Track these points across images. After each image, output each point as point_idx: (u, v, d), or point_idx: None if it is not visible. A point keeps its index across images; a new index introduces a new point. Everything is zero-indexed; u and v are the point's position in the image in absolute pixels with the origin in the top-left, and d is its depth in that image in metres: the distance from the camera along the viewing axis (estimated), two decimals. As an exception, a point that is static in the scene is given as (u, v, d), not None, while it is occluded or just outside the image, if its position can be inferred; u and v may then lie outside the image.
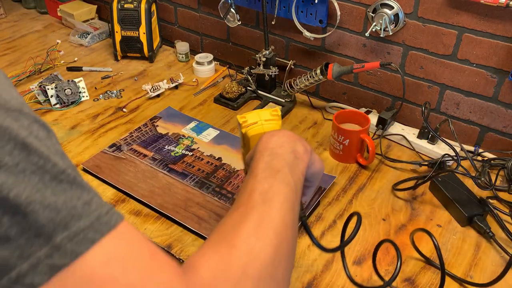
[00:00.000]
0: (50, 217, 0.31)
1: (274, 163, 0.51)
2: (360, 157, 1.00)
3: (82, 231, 0.32)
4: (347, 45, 1.13)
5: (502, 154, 1.01)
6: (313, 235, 0.53)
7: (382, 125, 1.07)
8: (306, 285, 0.74)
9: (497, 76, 0.96)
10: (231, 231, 0.43)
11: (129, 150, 1.02)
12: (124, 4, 1.33)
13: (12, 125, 0.32)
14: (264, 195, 0.47)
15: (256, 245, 0.41)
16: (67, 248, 0.32)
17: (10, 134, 0.31)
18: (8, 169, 0.31)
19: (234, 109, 1.19)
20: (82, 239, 0.32)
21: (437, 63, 1.02)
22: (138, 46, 1.37)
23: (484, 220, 0.83)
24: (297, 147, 0.54)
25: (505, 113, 0.99)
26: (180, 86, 1.29)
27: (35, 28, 1.60)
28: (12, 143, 0.31)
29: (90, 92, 1.24)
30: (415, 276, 0.76)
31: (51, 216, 0.31)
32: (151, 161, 0.99)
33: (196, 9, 1.38)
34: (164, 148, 1.04)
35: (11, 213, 0.30)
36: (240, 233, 0.43)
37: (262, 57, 1.17)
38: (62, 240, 0.32)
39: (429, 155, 1.02)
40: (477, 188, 0.92)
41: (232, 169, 0.98)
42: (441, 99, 1.06)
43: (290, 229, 0.45)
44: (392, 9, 1.00)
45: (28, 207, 0.31)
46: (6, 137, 0.31)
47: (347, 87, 1.19)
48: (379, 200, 0.91)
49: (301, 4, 1.12)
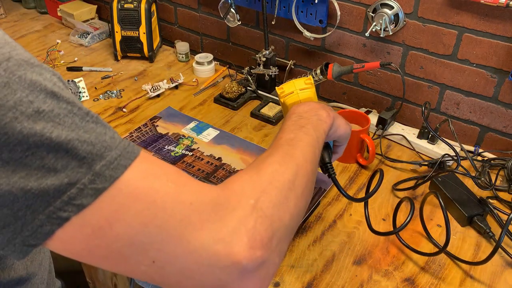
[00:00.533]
0: (88, 150, 0.37)
1: (299, 122, 0.60)
2: (360, 157, 1.00)
3: (116, 159, 0.38)
4: (347, 45, 1.13)
5: (502, 154, 1.01)
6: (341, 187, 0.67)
7: (382, 125, 1.07)
8: (306, 285, 0.74)
9: (497, 76, 0.96)
10: (260, 162, 0.51)
11: (129, 150, 1.02)
12: (124, 4, 1.33)
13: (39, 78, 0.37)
14: (289, 140, 0.56)
15: (280, 168, 0.50)
16: (106, 174, 0.37)
17: (40, 85, 0.37)
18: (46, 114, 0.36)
19: (234, 109, 1.19)
20: (117, 165, 0.38)
21: (437, 63, 1.02)
22: (138, 46, 1.37)
23: (484, 220, 0.83)
24: (320, 112, 0.63)
25: (505, 113, 0.99)
26: (180, 86, 1.29)
27: (35, 28, 1.60)
28: (43, 93, 0.36)
29: (90, 92, 1.24)
30: (415, 276, 0.76)
31: (89, 149, 0.37)
32: (151, 161, 0.99)
33: (196, 9, 1.38)
34: (164, 148, 1.04)
35: (55, 151, 0.36)
36: (268, 162, 0.51)
37: (262, 57, 1.17)
38: (101, 168, 0.37)
39: (429, 155, 1.02)
40: (477, 188, 0.92)
41: (232, 169, 0.98)
42: (441, 99, 1.06)
43: (310, 164, 0.54)
44: (392, 9, 1.00)
45: (68, 144, 0.36)
46: (38, 88, 0.36)
47: (347, 87, 1.19)
48: (379, 200, 0.91)
49: (301, 4, 1.12)
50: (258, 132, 1.11)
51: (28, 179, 0.35)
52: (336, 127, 0.65)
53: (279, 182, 0.48)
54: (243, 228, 0.42)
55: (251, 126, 1.13)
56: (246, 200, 0.44)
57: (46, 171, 0.35)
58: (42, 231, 0.36)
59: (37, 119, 0.35)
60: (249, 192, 0.45)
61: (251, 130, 1.12)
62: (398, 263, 0.79)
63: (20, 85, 0.35)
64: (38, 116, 0.35)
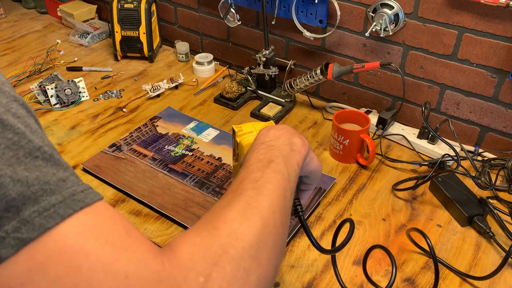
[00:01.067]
0: (20, 191, 0.31)
1: (268, 155, 0.51)
2: (360, 157, 1.00)
3: (53, 206, 0.32)
4: (347, 45, 1.13)
5: (502, 154, 1.01)
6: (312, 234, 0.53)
7: (382, 125, 1.07)
8: (306, 285, 0.74)
9: (497, 76, 0.96)
10: (216, 215, 0.42)
11: (129, 150, 1.02)
12: (124, 4, 1.33)
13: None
14: (254, 183, 0.46)
15: (239, 228, 0.40)
16: (35, 222, 0.31)
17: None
18: None
19: (234, 109, 1.19)
20: (52, 214, 0.32)
21: (437, 63, 1.02)
22: (138, 46, 1.37)
23: (484, 220, 0.83)
24: (294, 139, 0.54)
25: (505, 113, 0.99)
26: (180, 86, 1.29)
27: (35, 28, 1.60)
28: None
29: (90, 92, 1.24)
30: (415, 276, 0.76)
31: (21, 190, 0.31)
32: (151, 161, 0.99)
33: (196, 9, 1.38)
34: (164, 148, 1.03)
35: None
36: (225, 217, 0.42)
37: (262, 57, 1.17)
38: (31, 214, 0.31)
39: (429, 155, 1.02)
40: (477, 188, 0.92)
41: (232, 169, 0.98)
42: (441, 99, 1.06)
43: (279, 215, 0.44)
44: (392, 9, 1.00)
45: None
46: None
47: (347, 87, 1.19)
48: (379, 200, 0.91)
49: (301, 4, 1.12)
50: (258, 132, 1.11)
51: None
52: (309, 159, 0.56)
53: (236, 250, 0.39)
54: None
55: (251, 126, 1.13)
56: (194, 277, 0.36)
57: None
58: None
59: None
60: (199, 264, 0.37)
61: (251, 130, 1.11)
62: (398, 263, 0.78)
63: None
64: None
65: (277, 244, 0.43)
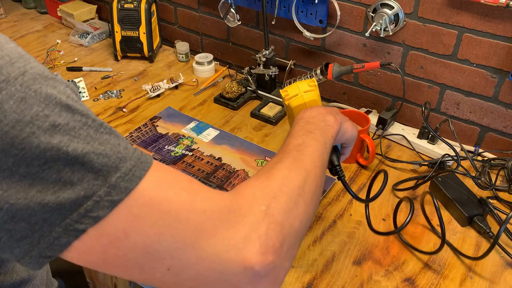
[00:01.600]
0: (103, 162, 0.37)
1: (307, 127, 0.61)
2: (360, 157, 1.00)
3: (130, 170, 0.39)
4: (347, 45, 1.13)
5: (502, 154, 1.01)
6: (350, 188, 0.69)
7: (382, 125, 1.07)
8: (306, 285, 0.74)
9: (497, 76, 0.96)
10: (270, 168, 0.52)
11: (129, 150, 1.02)
12: (124, 4, 1.33)
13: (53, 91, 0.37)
14: (297, 146, 0.57)
15: (290, 174, 0.51)
16: (121, 185, 0.38)
17: (55, 99, 0.37)
18: (61, 128, 0.36)
19: (234, 109, 1.19)
20: (132, 177, 0.39)
21: (437, 63, 1.02)
22: (138, 46, 1.37)
23: (484, 220, 0.83)
24: (327, 117, 0.64)
25: (505, 113, 0.99)
26: (180, 86, 1.29)
27: (35, 28, 1.60)
28: (58, 107, 0.37)
29: (90, 92, 1.24)
30: (415, 276, 0.76)
31: (104, 161, 0.37)
32: (151, 161, 0.99)
33: (196, 9, 1.38)
34: (164, 148, 1.04)
35: (71, 164, 0.36)
36: (278, 167, 0.52)
37: (262, 57, 1.17)
38: (116, 179, 0.38)
39: (429, 155, 1.02)
40: (477, 188, 0.92)
41: (232, 169, 0.98)
42: (441, 99, 1.06)
43: (318, 169, 0.55)
44: (392, 9, 1.00)
45: (84, 157, 0.36)
46: (53, 102, 0.37)
47: (347, 87, 1.19)
48: (379, 200, 0.91)
49: (301, 4, 1.12)
50: (258, 132, 1.11)
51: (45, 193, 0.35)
52: (343, 131, 0.66)
53: (288, 188, 0.49)
54: (255, 235, 0.42)
55: (251, 126, 1.13)
56: (258, 207, 0.45)
57: (62, 184, 0.36)
58: (59, 243, 0.37)
59: (53, 133, 0.36)
60: (260, 198, 0.46)
61: (251, 130, 1.12)
62: (398, 263, 0.79)
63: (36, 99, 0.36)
64: (54, 130, 0.36)
65: (316, 189, 0.53)
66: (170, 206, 0.40)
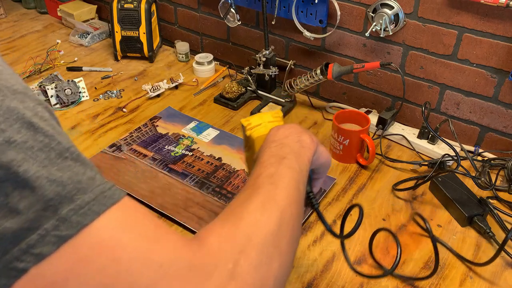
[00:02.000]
0: (57, 191, 0.33)
1: (280, 152, 0.54)
2: (360, 157, 1.00)
3: (87, 203, 0.34)
4: (347, 45, 1.13)
5: (502, 154, 1.01)
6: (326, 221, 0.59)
7: (382, 125, 1.07)
8: (306, 285, 0.74)
9: (497, 76, 0.96)
10: (238, 208, 0.46)
11: (129, 150, 1.02)
12: (124, 4, 1.33)
13: (19, 106, 0.34)
14: (269, 178, 0.50)
15: (261, 218, 0.44)
16: (73, 219, 0.33)
17: (17, 114, 0.33)
18: (17, 146, 0.32)
19: (234, 109, 1.19)
20: (88, 211, 0.34)
21: (437, 63, 1.02)
22: (138, 46, 1.37)
23: (484, 220, 0.83)
24: (303, 137, 0.57)
25: (505, 113, 0.99)
26: (180, 86, 1.29)
27: (35, 28, 1.60)
28: (19, 122, 0.33)
29: (90, 92, 1.24)
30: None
31: (58, 190, 0.33)
32: (151, 161, 0.99)
33: (196, 9, 1.38)
34: (164, 148, 1.04)
35: (21, 188, 0.32)
36: (246, 209, 0.45)
37: (262, 57, 1.17)
38: (68, 212, 0.33)
39: (429, 155, 1.02)
40: (477, 188, 0.92)
41: (232, 169, 0.98)
42: (441, 99, 1.06)
43: (295, 206, 0.48)
44: (392, 9, 1.00)
45: (36, 182, 0.32)
46: (14, 117, 0.33)
47: (347, 87, 1.19)
48: (379, 200, 0.91)
49: (301, 4, 1.12)
50: (258, 132, 1.11)
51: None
52: (318, 154, 0.59)
53: (260, 238, 0.42)
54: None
55: (251, 126, 1.13)
56: (223, 265, 0.39)
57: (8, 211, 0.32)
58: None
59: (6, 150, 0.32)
60: (227, 252, 0.40)
61: (251, 130, 1.11)
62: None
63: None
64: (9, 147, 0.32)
65: (294, 233, 0.46)
66: (122, 253, 0.34)
